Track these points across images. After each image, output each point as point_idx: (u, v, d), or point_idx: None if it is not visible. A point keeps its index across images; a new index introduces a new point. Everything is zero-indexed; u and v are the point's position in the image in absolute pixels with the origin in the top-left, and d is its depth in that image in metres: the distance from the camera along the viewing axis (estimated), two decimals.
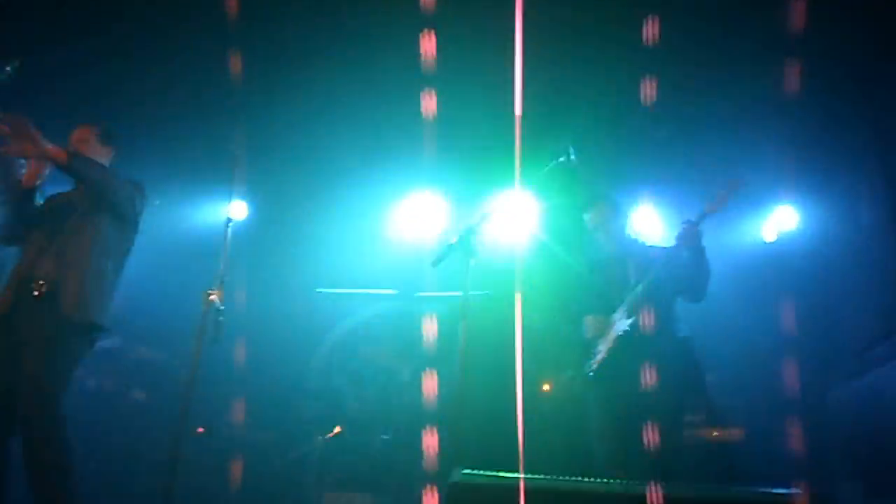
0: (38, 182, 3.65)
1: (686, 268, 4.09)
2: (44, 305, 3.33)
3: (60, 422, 3.25)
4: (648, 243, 4.50)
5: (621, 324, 4.08)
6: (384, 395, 5.95)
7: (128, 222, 3.63)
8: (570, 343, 4.37)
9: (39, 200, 3.70)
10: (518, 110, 4.45)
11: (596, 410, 4.10)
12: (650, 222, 5.92)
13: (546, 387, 5.41)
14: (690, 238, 4.04)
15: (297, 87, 5.42)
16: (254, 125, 5.19)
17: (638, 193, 5.83)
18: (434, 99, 4.95)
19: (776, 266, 5.75)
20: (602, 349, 4.12)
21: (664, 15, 4.55)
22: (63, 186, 3.79)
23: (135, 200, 3.67)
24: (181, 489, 3.52)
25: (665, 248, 4.27)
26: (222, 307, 3.78)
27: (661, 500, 2.24)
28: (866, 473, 4.62)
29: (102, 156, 3.76)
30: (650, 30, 4.59)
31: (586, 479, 2.48)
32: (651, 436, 3.63)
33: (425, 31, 4.68)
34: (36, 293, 3.37)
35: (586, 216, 4.48)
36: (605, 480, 2.47)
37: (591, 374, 4.13)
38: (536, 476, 2.46)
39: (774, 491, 2.43)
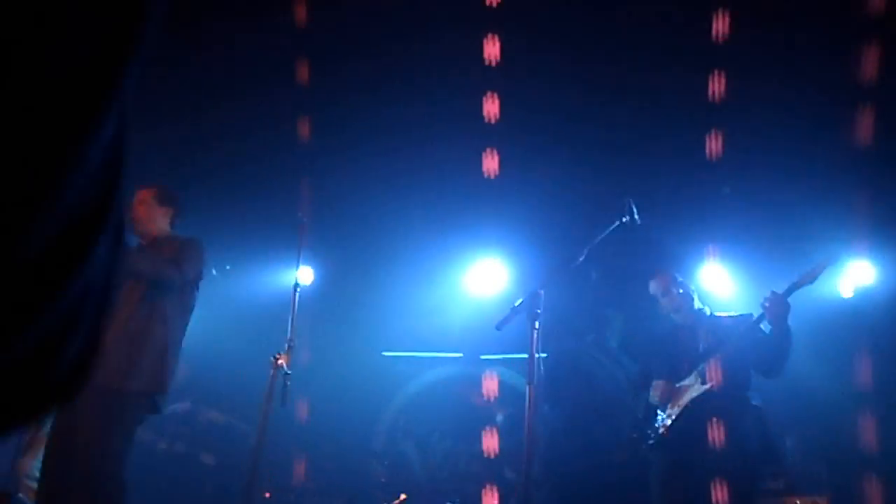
0: None
1: (767, 343, 3.96)
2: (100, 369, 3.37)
3: (109, 481, 3.24)
4: (717, 313, 4.39)
5: (693, 389, 3.97)
6: (450, 461, 5.88)
7: (184, 293, 3.68)
8: (636, 406, 4.28)
9: None
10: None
11: (661, 477, 3.97)
12: (719, 281, 5.79)
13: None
14: (778, 312, 3.89)
15: (362, 152, 5.55)
16: (320, 190, 5.31)
17: (705, 251, 5.73)
18: (496, 160, 5.00)
19: (854, 322, 5.54)
20: (671, 413, 4.01)
21: (729, 66, 4.54)
22: None
23: (194, 279, 3.73)
24: None
25: (738, 316, 4.17)
26: (289, 371, 3.83)
27: None
28: None
29: (161, 216, 3.85)
30: (716, 83, 4.58)
31: None
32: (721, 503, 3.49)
33: (488, 94, 4.76)
34: None
35: (650, 285, 4.42)
36: None
37: (654, 438, 4.02)
38: None
39: None
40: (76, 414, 3.26)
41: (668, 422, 4.01)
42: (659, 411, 4.09)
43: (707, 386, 3.93)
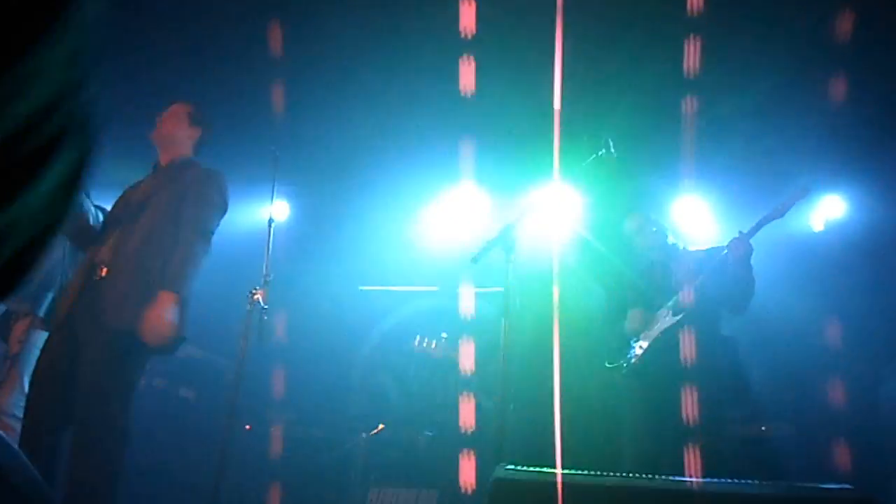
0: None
1: (731, 282, 4.03)
2: (98, 293, 3.23)
3: (117, 431, 3.12)
4: (690, 247, 4.46)
5: (666, 320, 4.07)
6: (427, 392, 5.98)
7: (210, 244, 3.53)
8: (610, 335, 4.36)
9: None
10: (557, 104, 4.43)
11: (631, 403, 4.09)
12: (695, 213, 5.85)
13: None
14: (740, 254, 3.96)
15: (336, 85, 5.47)
16: (293, 124, 5.24)
17: (681, 185, 5.77)
18: (473, 94, 4.94)
19: (824, 256, 5.64)
20: (643, 343, 4.11)
21: (706, 5, 4.49)
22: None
23: (219, 223, 3.58)
24: (228, 485, 3.59)
25: (711, 250, 4.23)
26: (266, 306, 3.84)
27: (703, 496, 2.21)
28: None
29: (187, 137, 3.67)
30: (692, 20, 4.54)
31: (629, 475, 2.46)
32: (689, 429, 3.60)
33: (463, 26, 4.68)
34: (97, 278, 3.28)
35: (625, 224, 4.47)
36: (647, 476, 2.45)
37: (626, 367, 4.12)
38: (580, 472, 2.45)
39: (823, 487, 2.38)
40: (87, 360, 3.16)
41: (640, 351, 4.11)
42: (632, 341, 4.18)
43: (677, 318, 4.02)
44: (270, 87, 5.09)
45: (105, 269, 3.29)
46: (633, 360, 4.12)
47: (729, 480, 2.45)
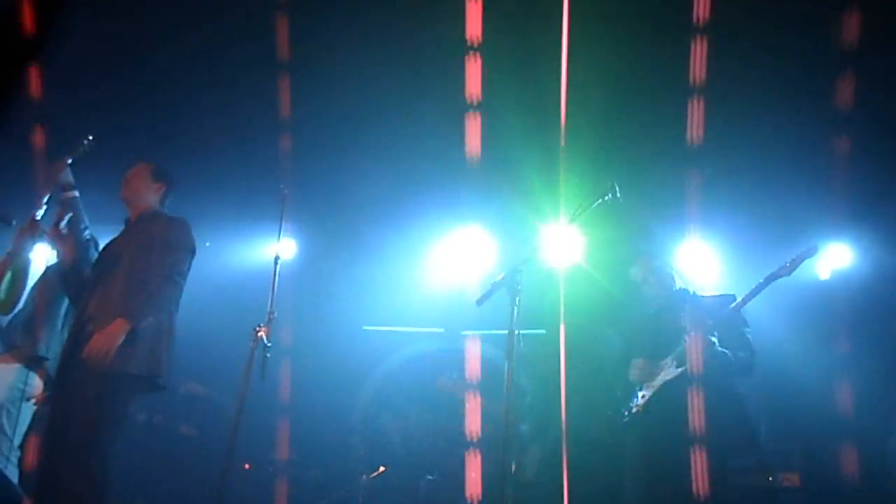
0: (72, 253, 3.83)
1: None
2: (78, 344, 3.45)
3: (96, 465, 3.30)
4: (700, 293, 4.42)
5: (670, 371, 4.02)
6: (430, 435, 5.92)
7: (177, 282, 3.72)
8: (615, 382, 4.32)
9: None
10: (563, 141, 4.47)
11: (633, 451, 4.03)
12: (701, 261, 5.83)
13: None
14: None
15: (345, 127, 5.53)
16: (302, 164, 5.28)
17: (687, 231, 5.77)
18: (478, 135, 4.99)
19: (831, 305, 5.61)
20: (646, 393, 4.07)
21: (711, 52, 4.55)
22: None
23: (187, 268, 3.77)
24: None
25: (720, 297, 4.23)
26: (269, 344, 3.83)
27: None
28: None
29: (153, 192, 3.93)
30: (698, 65, 4.59)
31: None
32: (692, 478, 3.54)
33: (470, 65, 4.75)
34: (79, 331, 3.53)
35: (631, 271, 4.45)
36: None
37: (628, 416, 4.08)
38: None
39: None
40: (72, 396, 3.39)
41: (642, 400, 4.07)
42: (636, 389, 4.14)
43: (681, 369, 3.97)
44: (280, 126, 5.15)
45: (83, 327, 3.52)
46: (634, 410, 4.08)
47: None
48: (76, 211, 3.87)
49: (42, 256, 4.35)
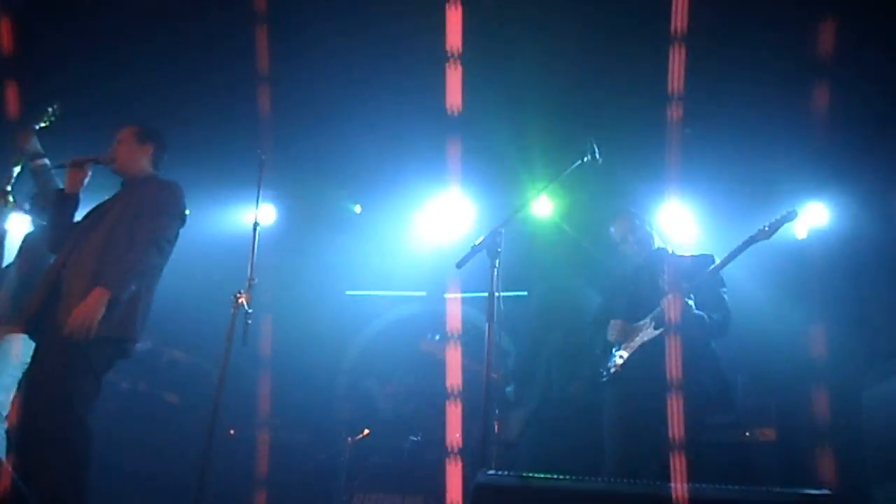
0: (79, 189, 3.74)
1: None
2: (65, 311, 3.37)
3: (72, 426, 3.25)
4: (678, 252, 4.44)
5: (647, 332, 4.06)
6: (413, 397, 5.97)
7: (162, 247, 3.65)
8: (595, 341, 4.37)
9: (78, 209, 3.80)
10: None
11: (611, 410, 4.09)
12: (680, 220, 5.87)
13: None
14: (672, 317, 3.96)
15: (323, 90, 5.46)
16: (281, 128, 5.23)
17: (665, 190, 5.79)
18: (459, 92, 4.95)
19: (807, 263, 5.67)
20: (624, 354, 4.11)
21: (694, 16, 4.53)
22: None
23: (175, 234, 3.72)
24: (211, 490, 3.57)
25: (698, 256, 4.25)
26: (251, 310, 3.83)
27: (684, 501, 2.22)
28: None
29: (141, 155, 3.84)
30: (679, 23, 4.57)
31: (612, 481, 2.48)
32: (669, 435, 3.60)
33: (450, 37, 4.70)
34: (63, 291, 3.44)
35: (610, 229, 4.46)
36: (630, 482, 2.46)
37: (607, 376, 4.13)
38: (561, 477, 2.46)
39: (804, 492, 2.39)
40: (45, 360, 3.34)
41: (620, 361, 4.12)
42: (614, 349, 4.19)
43: (659, 331, 4.01)
44: (257, 90, 5.09)
45: (66, 285, 3.46)
46: (612, 370, 4.13)
47: (710, 486, 2.46)
48: (46, 178, 3.81)
49: (18, 226, 4.30)
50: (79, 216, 3.77)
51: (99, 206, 3.76)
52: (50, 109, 3.86)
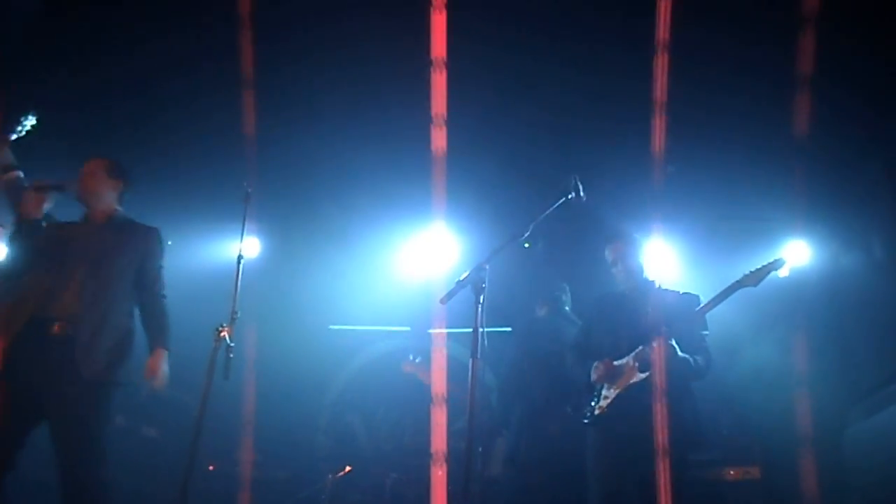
0: (38, 215, 3.64)
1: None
2: (63, 347, 3.39)
3: (103, 478, 3.47)
4: (664, 287, 4.44)
5: (632, 375, 4.05)
6: (396, 433, 5.92)
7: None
8: (572, 372, 4.35)
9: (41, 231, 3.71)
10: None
11: (595, 452, 4.06)
12: (663, 259, 5.89)
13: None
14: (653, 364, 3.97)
15: (308, 125, 5.50)
16: (266, 162, 5.25)
17: (649, 229, 5.83)
18: (444, 135, 5.00)
19: (790, 301, 5.70)
20: (608, 395, 4.10)
21: (676, 48, 4.61)
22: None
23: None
24: None
25: (684, 295, 4.26)
26: (233, 344, 3.79)
27: None
28: None
29: (110, 189, 3.82)
30: (662, 64, 4.65)
31: None
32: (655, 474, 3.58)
33: (435, 69, 4.76)
34: (56, 331, 3.45)
35: (606, 250, 4.45)
36: None
37: (590, 417, 4.11)
38: None
39: None
40: (70, 412, 3.43)
41: (605, 402, 4.10)
42: (596, 388, 4.16)
43: (645, 374, 4.01)
44: (243, 124, 5.11)
45: (59, 326, 3.49)
46: (597, 412, 4.11)
47: None
48: (19, 191, 3.75)
49: None
50: None
51: (70, 240, 3.67)
52: (23, 121, 3.82)
